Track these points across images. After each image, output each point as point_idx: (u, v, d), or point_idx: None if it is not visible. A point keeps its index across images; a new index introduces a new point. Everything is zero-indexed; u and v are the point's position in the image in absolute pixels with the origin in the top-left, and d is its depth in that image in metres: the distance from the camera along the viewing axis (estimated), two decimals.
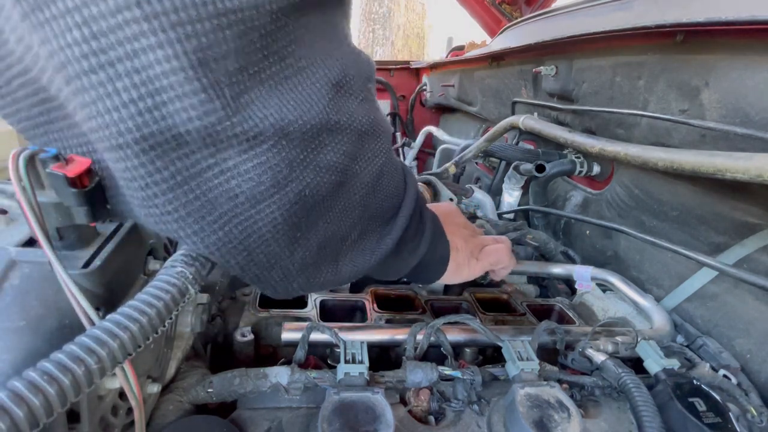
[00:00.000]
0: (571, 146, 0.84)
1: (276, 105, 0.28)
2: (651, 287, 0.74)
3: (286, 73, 0.28)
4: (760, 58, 0.54)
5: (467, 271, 0.55)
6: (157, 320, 0.26)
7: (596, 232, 0.90)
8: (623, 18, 0.81)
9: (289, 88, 0.28)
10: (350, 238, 0.38)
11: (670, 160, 0.57)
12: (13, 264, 0.29)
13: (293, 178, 0.30)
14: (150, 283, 0.28)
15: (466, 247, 0.55)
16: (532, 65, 1.09)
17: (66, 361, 0.22)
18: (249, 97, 0.27)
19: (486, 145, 1.10)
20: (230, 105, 0.26)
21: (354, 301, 0.67)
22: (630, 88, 0.77)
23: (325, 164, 0.31)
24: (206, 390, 0.45)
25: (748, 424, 0.47)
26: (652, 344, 0.55)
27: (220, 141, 0.27)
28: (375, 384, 0.47)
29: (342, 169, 0.33)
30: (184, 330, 0.47)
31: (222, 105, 0.25)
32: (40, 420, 0.20)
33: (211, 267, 0.32)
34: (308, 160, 0.30)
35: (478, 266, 0.56)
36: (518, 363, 0.50)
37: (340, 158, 0.32)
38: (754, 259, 0.60)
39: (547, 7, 1.96)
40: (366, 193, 0.36)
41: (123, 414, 0.36)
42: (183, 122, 0.25)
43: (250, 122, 0.27)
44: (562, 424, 0.42)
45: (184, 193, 0.27)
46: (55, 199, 0.28)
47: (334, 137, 0.32)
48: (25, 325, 0.27)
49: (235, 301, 0.63)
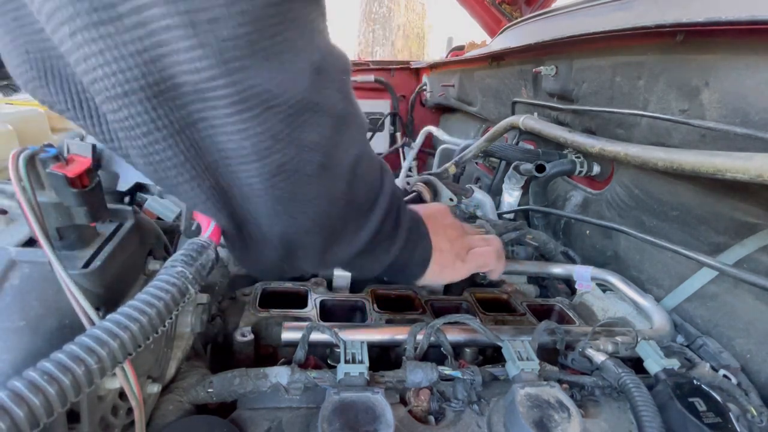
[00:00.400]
0: (571, 146, 0.84)
1: (264, 77, 0.30)
2: (651, 287, 0.74)
3: (275, 50, 0.30)
4: (760, 58, 0.54)
5: (451, 272, 0.56)
6: (158, 320, 0.26)
7: (596, 232, 0.90)
8: (623, 18, 0.81)
9: (278, 64, 0.30)
10: (329, 226, 0.40)
11: (670, 160, 0.57)
12: (13, 264, 0.29)
13: (276, 150, 0.32)
14: (150, 282, 0.28)
15: (452, 248, 0.55)
16: (532, 65, 1.09)
17: (66, 361, 0.22)
18: (240, 63, 0.28)
19: (486, 145, 1.10)
20: (221, 66, 0.28)
21: (354, 301, 0.67)
22: (630, 88, 0.77)
23: (307, 143, 0.33)
24: (206, 390, 0.45)
25: (748, 424, 0.47)
26: (652, 344, 0.55)
27: (210, 98, 0.29)
28: (375, 384, 0.47)
29: (324, 151, 0.35)
30: (184, 330, 0.47)
31: (212, 64, 0.27)
32: (41, 420, 0.20)
33: (211, 267, 0.32)
34: (292, 136, 0.32)
35: (464, 268, 0.56)
36: (518, 363, 0.50)
37: (321, 139, 0.34)
38: (754, 259, 0.60)
39: (547, 7, 1.96)
40: (347, 181, 0.38)
41: (123, 414, 0.36)
42: (180, 74, 0.27)
43: (237, 86, 0.29)
44: (562, 424, 0.42)
45: (182, 140, 0.30)
46: (55, 199, 0.29)
47: (316, 118, 0.34)
48: (25, 325, 0.27)
49: (235, 301, 0.63)
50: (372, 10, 9.71)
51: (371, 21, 9.75)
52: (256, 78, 0.29)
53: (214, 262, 0.33)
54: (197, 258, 0.31)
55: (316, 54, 0.33)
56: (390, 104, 2.34)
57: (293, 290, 0.68)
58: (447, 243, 0.55)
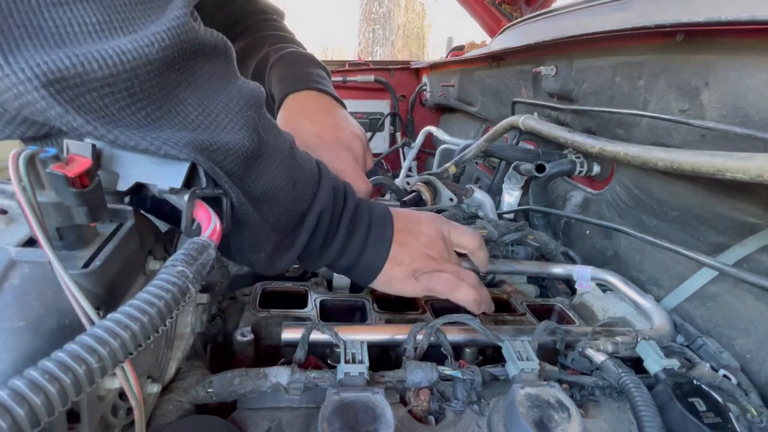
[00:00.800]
0: (571, 146, 0.84)
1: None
2: (651, 287, 0.74)
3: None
4: (760, 58, 0.54)
5: (400, 286, 0.58)
6: (158, 319, 0.26)
7: (596, 232, 0.90)
8: (623, 18, 0.80)
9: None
10: (264, 246, 0.46)
11: (670, 160, 0.57)
12: (13, 264, 0.29)
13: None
14: (151, 282, 0.28)
15: (412, 264, 0.57)
16: (532, 65, 1.09)
17: (67, 360, 0.22)
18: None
19: (486, 145, 1.10)
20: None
21: (354, 301, 0.67)
22: (630, 88, 0.77)
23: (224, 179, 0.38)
24: (206, 390, 0.45)
25: (748, 424, 0.47)
26: (652, 344, 0.55)
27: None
28: (375, 384, 0.47)
29: (240, 186, 0.40)
30: (184, 330, 0.47)
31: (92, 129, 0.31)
32: (41, 419, 0.20)
33: (211, 266, 0.32)
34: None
35: (414, 286, 0.58)
36: (518, 363, 0.50)
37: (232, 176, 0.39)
38: (754, 259, 0.60)
39: (547, 7, 1.96)
40: (259, 211, 0.43)
41: (123, 414, 0.36)
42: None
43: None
44: (562, 424, 0.42)
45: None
46: (55, 199, 0.28)
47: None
48: (25, 325, 0.27)
49: (235, 301, 0.63)
50: (372, 10, 9.70)
51: (371, 21, 9.74)
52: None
53: (214, 262, 0.33)
54: (198, 257, 0.31)
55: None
56: (390, 104, 2.33)
57: (293, 290, 0.68)
58: (409, 258, 0.56)
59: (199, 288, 0.30)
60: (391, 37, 9.81)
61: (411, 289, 0.58)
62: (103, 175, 0.32)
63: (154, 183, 0.35)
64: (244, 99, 0.40)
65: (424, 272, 0.57)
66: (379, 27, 9.76)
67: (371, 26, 9.76)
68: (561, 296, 0.79)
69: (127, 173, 0.34)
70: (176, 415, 0.42)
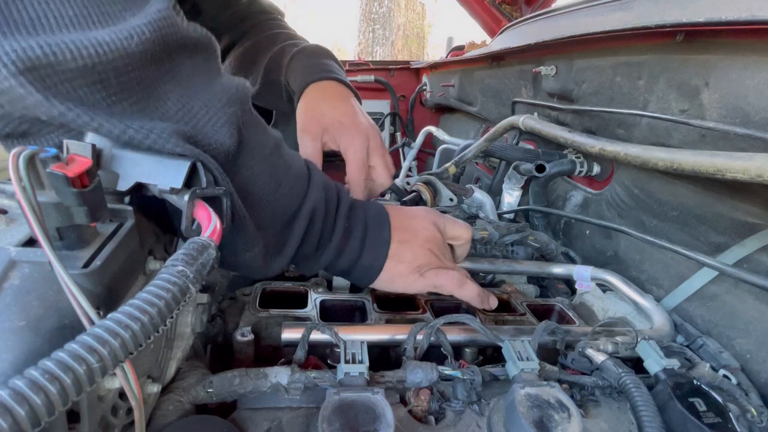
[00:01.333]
0: (571, 146, 0.84)
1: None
2: (651, 287, 0.74)
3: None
4: (760, 58, 0.54)
5: (402, 283, 0.57)
6: (159, 319, 0.26)
7: (596, 232, 0.90)
8: (623, 18, 0.80)
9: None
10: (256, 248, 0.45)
11: (670, 160, 0.57)
12: (13, 264, 0.29)
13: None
14: (151, 281, 0.28)
15: (415, 261, 0.56)
16: (532, 65, 1.09)
17: (67, 360, 0.22)
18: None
19: (486, 145, 1.10)
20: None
21: (354, 301, 0.67)
22: (630, 88, 0.77)
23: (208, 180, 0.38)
24: (206, 390, 0.45)
25: (748, 424, 0.47)
26: (652, 344, 0.55)
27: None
28: (375, 384, 0.47)
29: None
30: (184, 330, 0.47)
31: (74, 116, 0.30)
32: (42, 419, 0.20)
33: (212, 266, 0.32)
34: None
35: (419, 282, 0.57)
36: (518, 363, 0.50)
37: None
38: (754, 259, 0.60)
39: (547, 7, 1.96)
40: (243, 213, 0.42)
41: (123, 414, 0.36)
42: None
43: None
44: (562, 424, 0.42)
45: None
46: (55, 199, 0.28)
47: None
48: (25, 325, 0.27)
49: (235, 301, 0.63)
50: (372, 10, 9.70)
51: (371, 21, 9.75)
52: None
53: (215, 262, 0.33)
54: (198, 257, 0.31)
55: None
56: (390, 104, 2.33)
57: (293, 290, 0.68)
58: (411, 254, 0.56)
59: (199, 288, 0.30)
60: (391, 37, 9.81)
61: (416, 285, 0.58)
62: (103, 175, 0.32)
63: (154, 183, 0.35)
64: (228, 95, 0.39)
65: (429, 268, 0.57)
66: (379, 27, 9.77)
67: (371, 26, 9.76)
68: (561, 296, 0.79)
69: (127, 173, 0.34)
70: (176, 415, 0.42)
